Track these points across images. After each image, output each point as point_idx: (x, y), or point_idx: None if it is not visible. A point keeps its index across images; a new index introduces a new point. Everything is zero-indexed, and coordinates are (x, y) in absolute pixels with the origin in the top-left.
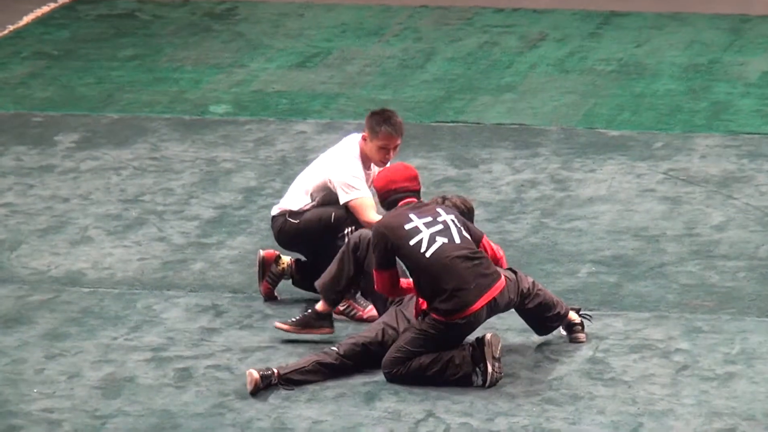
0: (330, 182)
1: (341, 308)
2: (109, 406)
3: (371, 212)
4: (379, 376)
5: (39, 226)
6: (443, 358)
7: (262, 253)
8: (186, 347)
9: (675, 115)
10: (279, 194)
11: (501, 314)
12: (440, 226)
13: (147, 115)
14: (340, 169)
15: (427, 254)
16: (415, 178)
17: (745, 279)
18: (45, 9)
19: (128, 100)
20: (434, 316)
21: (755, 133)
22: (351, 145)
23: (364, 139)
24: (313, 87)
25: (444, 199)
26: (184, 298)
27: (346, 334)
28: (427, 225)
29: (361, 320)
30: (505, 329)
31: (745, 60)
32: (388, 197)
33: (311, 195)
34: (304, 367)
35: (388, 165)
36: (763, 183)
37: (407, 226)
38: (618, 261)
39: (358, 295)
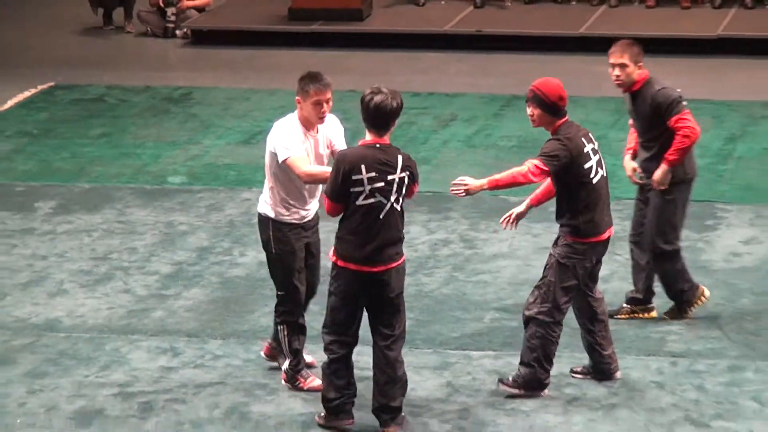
0: (274, 149)
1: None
2: None
3: (305, 166)
4: (313, 407)
5: (21, 280)
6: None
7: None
8: (148, 383)
9: None
10: (228, 252)
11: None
12: (598, 157)
13: (114, 185)
14: (278, 134)
15: (594, 181)
16: None
17: (626, 323)
18: (26, 94)
19: (98, 173)
20: (569, 238)
21: (634, 199)
22: (287, 118)
23: (298, 103)
24: (257, 160)
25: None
26: (146, 341)
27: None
28: (593, 152)
29: (301, 390)
30: (421, 366)
31: (626, 136)
32: (559, 108)
33: (273, 188)
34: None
35: (324, 119)
36: None
37: (585, 150)
38: (518, 308)
39: (304, 369)
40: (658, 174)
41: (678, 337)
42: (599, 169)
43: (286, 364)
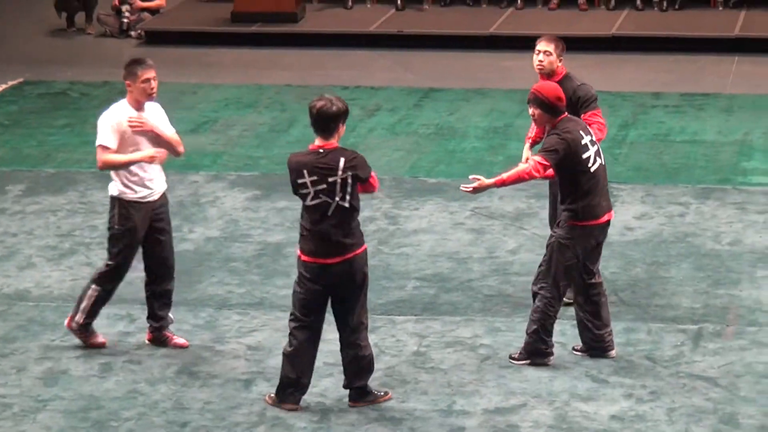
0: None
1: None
2: (48, 392)
3: (105, 156)
4: (255, 367)
5: None
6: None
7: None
8: (108, 346)
9: (479, 166)
10: (178, 229)
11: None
12: (596, 147)
13: (77, 170)
14: (101, 121)
15: (592, 169)
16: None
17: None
18: None
19: (62, 159)
20: (570, 222)
21: (539, 180)
22: (118, 104)
23: (128, 86)
24: (203, 147)
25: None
26: (106, 308)
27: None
28: (591, 143)
29: (85, 345)
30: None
31: (532, 124)
32: (557, 107)
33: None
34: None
35: (154, 94)
36: (543, 217)
37: (582, 142)
38: (436, 277)
39: (92, 326)
40: None
41: None
42: (597, 158)
43: (79, 318)
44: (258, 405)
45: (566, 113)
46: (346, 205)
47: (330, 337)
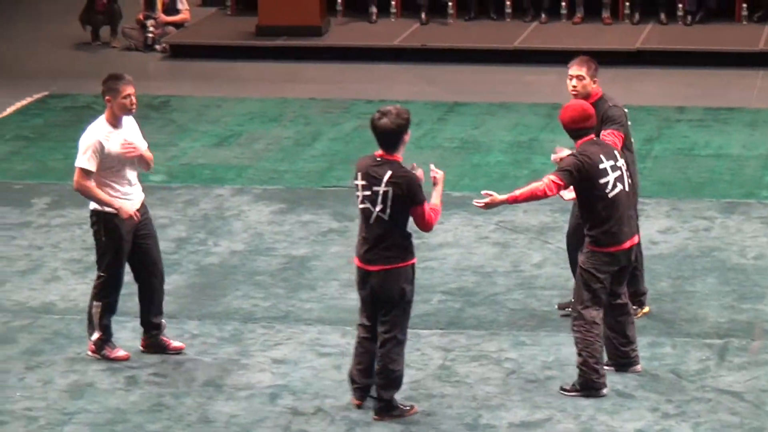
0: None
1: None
2: (74, 405)
3: (83, 179)
4: (280, 380)
5: (19, 268)
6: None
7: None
8: (133, 360)
9: (503, 180)
10: (204, 242)
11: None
12: (618, 173)
13: None
14: (83, 140)
15: (610, 195)
16: (594, 117)
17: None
18: (24, 102)
19: None
20: (590, 247)
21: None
22: (97, 123)
23: (108, 102)
24: (228, 161)
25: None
26: (131, 322)
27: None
28: (612, 168)
29: (108, 359)
30: None
31: (556, 138)
32: (580, 128)
33: (96, 183)
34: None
35: (134, 110)
36: None
37: (601, 166)
38: (461, 291)
39: (110, 341)
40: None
41: None
42: (618, 184)
43: (95, 336)
44: (283, 418)
45: (592, 135)
46: (386, 217)
47: None
